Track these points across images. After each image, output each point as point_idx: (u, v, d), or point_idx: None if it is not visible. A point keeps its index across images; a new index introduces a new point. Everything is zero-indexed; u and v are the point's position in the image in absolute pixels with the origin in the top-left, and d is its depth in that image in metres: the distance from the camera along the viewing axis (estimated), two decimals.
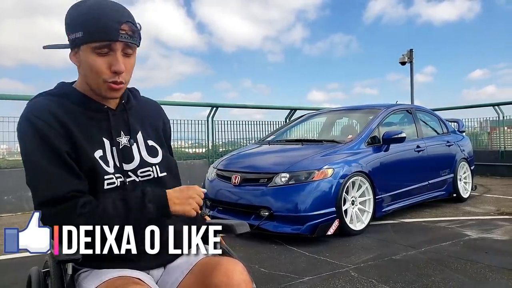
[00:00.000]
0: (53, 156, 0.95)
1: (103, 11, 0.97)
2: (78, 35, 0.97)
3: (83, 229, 0.91)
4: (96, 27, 0.95)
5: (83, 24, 0.96)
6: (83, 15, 0.97)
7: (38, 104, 1.01)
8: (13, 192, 5.31)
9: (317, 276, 2.59)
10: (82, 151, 0.98)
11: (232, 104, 7.91)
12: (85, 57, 0.98)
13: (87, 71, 1.00)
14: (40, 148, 0.95)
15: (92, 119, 1.03)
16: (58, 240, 0.94)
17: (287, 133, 5.41)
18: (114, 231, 0.93)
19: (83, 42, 0.97)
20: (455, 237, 3.48)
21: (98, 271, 0.97)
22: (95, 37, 0.95)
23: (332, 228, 3.46)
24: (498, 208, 4.75)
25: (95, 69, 0.98)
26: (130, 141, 1.07)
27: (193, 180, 5.88)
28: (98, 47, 0.96)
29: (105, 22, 0.95)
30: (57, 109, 0.99)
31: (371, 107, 5.00)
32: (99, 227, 0.92)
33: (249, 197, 3.69)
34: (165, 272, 1.06)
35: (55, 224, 0.91)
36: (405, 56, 13.68)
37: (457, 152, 5.38)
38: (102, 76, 0.99)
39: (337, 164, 3.69)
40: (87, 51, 0.98)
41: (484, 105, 9.01)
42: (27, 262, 2.98)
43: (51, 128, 0.96)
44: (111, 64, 0.98)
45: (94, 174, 0.99)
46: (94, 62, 0.97)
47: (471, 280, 2.47)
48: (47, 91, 1.06)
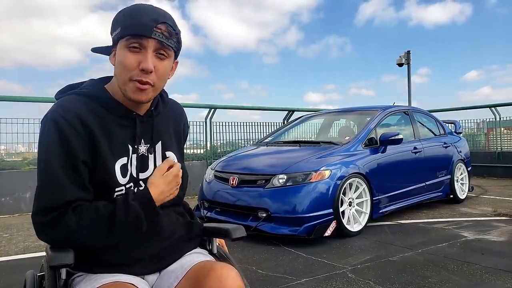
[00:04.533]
0: (69, 164, 0.93)
1: (142, 10, 0.97)
2: (116, 31, 0.98)
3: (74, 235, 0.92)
4: (131, 22, 0.95)
5: (121, 21, 0.97)
6: (123, 14, 0.99)
7: (68, 105, 0.98)
8: (11, 194, 5.30)
9: (314, 277, 2.60)
10: (101, 162, 0.97)
11: (230, 106, 7.91)
12: (119, 54, 0.98)
13: (117, 69, 1.00)
14: (59, 154, 0.93)
15: (120, 125, 1.02)
16: (52, 245, 0.95)
17: (284, 135, 5.42)
18: (101, 233, 0.93)
19: (119, 38, 0.97)
20: (451, 238, 3.50)
21: (92, 276, 0.96)
22: (129, 31, 0.95)
23: (330, 229, 3.47)
24: (494, 209, 4.76)
25: (124, 64, 0.97)
26: (149, 149, 1.07)
27: (191, 181, 5.89)
28: (130, 42, 0.96)
29: (141, 18, 0.95)
30: (87, 114, 0.97)
31: (368, 109, 5.01)
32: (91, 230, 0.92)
33: (247, 198, 3.69)
34: (160, 277, 1.05)
35: (50, 230, 0.92)
36: (402, 58, 13.75)
37: (454, 153, 5.40)
38: (130, 72, 0.97)
39: (335, 165, 3.70)
40: (121, 47, 0.97)
41: (480, 107, 9.04)
42: (24, 265, 2.99)
43: (77, 133, 0.94)
44: (140, 61, 0.96)
45: (107, 185, 0.99)
46: (125, 57, 0.96)
47: (467, 281, 2.48)
48: (79, 89, 1.04)
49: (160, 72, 1.00)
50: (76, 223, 0.91)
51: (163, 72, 1.01)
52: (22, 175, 5.57)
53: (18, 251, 3.44)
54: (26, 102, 5.67)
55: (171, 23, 0.99)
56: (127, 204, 0.96)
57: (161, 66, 0.99)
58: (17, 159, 6.73)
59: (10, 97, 5.57)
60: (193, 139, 7.34)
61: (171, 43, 0.99)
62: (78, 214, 0.92)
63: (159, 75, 1.00)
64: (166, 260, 1.06)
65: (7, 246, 3.62)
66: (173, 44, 1.00)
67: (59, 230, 0.91)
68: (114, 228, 0.95)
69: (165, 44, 0.98)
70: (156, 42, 0.97)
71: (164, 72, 1.02)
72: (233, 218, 3.70)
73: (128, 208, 0.96)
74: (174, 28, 1.00)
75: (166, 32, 0.97)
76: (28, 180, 5.38)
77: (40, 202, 0.93)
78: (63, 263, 0.92)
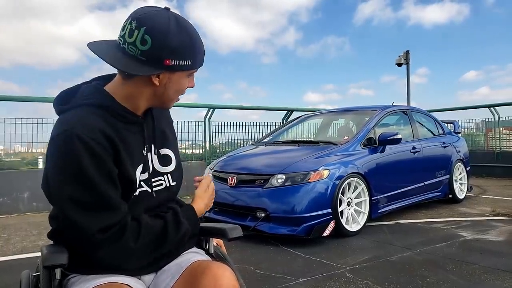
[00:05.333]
0: (111, 181, 0.93)
1: (197, 40, 0.98)
2: (186, 63, 0.96)
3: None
4: (200, 56, 0.99)
5: (193, 53, 0.97)
6: (191, 44, 0.96)
7: (87, 120, 0.93)
8: (9, 194, 5.29)
9: (312, 277, 2.60)
10: (125, 169, 0.96)
11: (229, 105, 7.91)
12: (178, 79, 0.99)
13: (170, 90, 1.00)
14: (99, 172, 0.90)
15: (130, 132, 1.01)
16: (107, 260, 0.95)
17: (283, 135, 5.42)
18: (151, 250, 0.98)
19: (187, 69, 0.98)
20: (450, 238, 3.50)
21: (87, 277, 0.95)
22: (198, 66, 1.00)
23: (328, 229, 3.47)
24: (493, 209, 4.76)
25: (182, 88, 1.02)
26: (151, 149, 1.07)
27: (190, 181, 5.87)
28: (194, 71, 1.01)
29: (203, 51, 1.01)
30: (105, 126, 0.94)
31: (367, 109, 5.01)
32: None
33: (245, 198, 3.69)
34: (156, 277, 1.05)
35: (109, 246, 0.92)
36: (401, 58, 13.76)
37: (452, 153, 5.40)
38: (182, 93, 1.04)
39: (333, 165, 3.70)
40: (183, 75, 0.99)
41: (480, 107, 9.05)
42: (22, 265, 2.98)
43: (105, 149, 0.92)
44: (189, 82, 1.03)
45: (129, 191, 0.99)
46: (184, 83, 1.01)
47: (466, 281, 2.48)
48: (86, 100, 0.98)
49: None
50: (134, 242, 0.93)
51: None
52: (20, 175, 5.56)
53: (16, 251, 3.43)
54: (24, 102, 5.66)
55: None
56: (178, 222, 1.01)
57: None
58: (15, 159, 6.72)
59: (8, 97, 5.56)
60: (192, 139, 7.34)
61: None
62: (134, 233, 0.94)
63: None
64: (163, 260, 1.06)
65: (5, 246, 3.61)
66: None
67: (117, 248, 0.92)
68: (164, 246, 0.99)
69: None
70: None
71: None
72: (231, 218, 3.69)
73: (179, 226, 1.01)
74: None
75: None
76: (26, 180, 5.37)
77: (98, 221, 0.90)
78: (57, 264, 0.91)
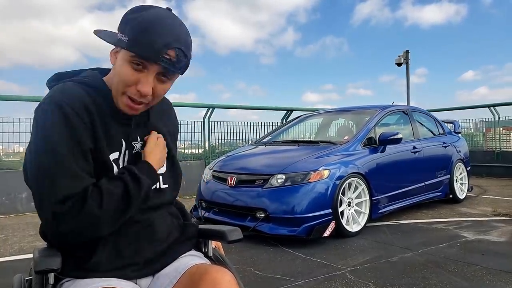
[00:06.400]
0: (80, 152, 0.90)
1: (157, 27, 0.89)
2: (123, 38, 0.90)
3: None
4: (142, 40, 0.88)
5: (132, 30, 0.90)
6: (137, 22, 0.90)
7: (71, 91, 0.93)
8: (6, 194, 5.26)
9: (313, 279, 2.57)
10: (99, 151, 0.94)
11: (228, 105, 7.88)
12: (121, 62, 0.93)
13: (116, 76, 0.95)
14: (68, 141, 0.88)
15: (115, 119, 0.98)
16: (74, 237, 0.91)
17: (283, 134, 5.39)
18: (119, 214, 0.92)
19: (124, 47, 0.91)
20: (451, 239, 3.47)
21: (81, 281, 0.92)
22: (136, 50, 0.89)
23: (328, 230, 3.44)
24: (494, 209, 4.74)
25: (123, 78, 0.93)
26: (129, 145, 1.03)
27: (190, 181, 5.87)
28: (134, 59, 0.90)
29: (153, 40, 0.88)
30: (90, 102, 0.93)
31: (367, 108, 4.99)
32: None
33: (245, 198, 3.66)
34: (153, 281, 1.01)
35: (71, 218, 0.87)
36: (401, 57, 13.76)
37: (453, 153, 5.37)
38: (126, 88, 0.93)
39: (333, 165, 3.67)
40: (125, 57, 0.92)
41: (479, 106, 9.04)
42: (18, 266, 2.94)
43: (82, 121, 0.90)
44: (139, 81, 0.92)
45: (104, 171, 0.95)
46: (126, 72, 0.92)
47: (468, 282, 2.45)
48: (79, 78, 0.98)
49: (158, 94, 0.97)
50: (98, 208, 0.88)
51: (161, 93, 0.98)
52: (18, 175, 5.47)
53: (13, 252, 3.39)
54: (23, 101, 5.63)
55: (184, 48, 0.92)
56: (138, 178, 0.95)
57: (160, 88, 0.96)
58: (14, 159, 6.68)
59: (7, 97, 5.53)
60: (191, 139, 7.32)
61: (177, 69, 0.93)
62: (97, 199, 0.89)
63: (156, 95, 0.97)
64: (160, 263, 1.03)
65: (2, 247, 3.58)
66: (179, 70, 0.94)
67: (81, 218, 0.87)
68: (130, 206, 0.94)
69: (170, 70, 0.92)
70: (160, 67, 0.91)
71: (163, 92, 0.99)
72: (231, 218, 3.67)
73: (139, 183, 0.95)
74: (186, 53, 0.93)
75: (175, 58, 0.90)
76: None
77: (56, 191, 0.86)
78: (49, 268, 0.88)
